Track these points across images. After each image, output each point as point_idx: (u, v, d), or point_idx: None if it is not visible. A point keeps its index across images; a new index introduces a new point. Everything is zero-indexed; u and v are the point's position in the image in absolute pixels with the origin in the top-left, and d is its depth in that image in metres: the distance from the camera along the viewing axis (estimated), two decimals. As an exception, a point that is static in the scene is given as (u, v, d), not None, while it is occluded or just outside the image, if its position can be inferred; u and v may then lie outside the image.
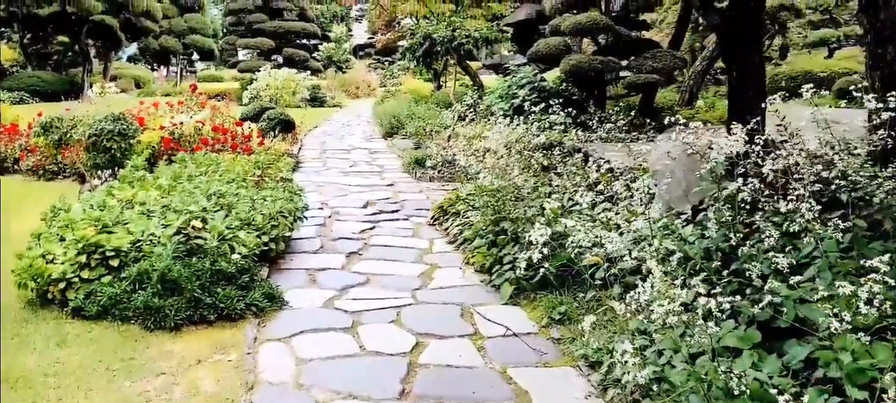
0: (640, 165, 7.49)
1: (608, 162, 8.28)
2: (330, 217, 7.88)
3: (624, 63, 14.83)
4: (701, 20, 18.85)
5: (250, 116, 11.75)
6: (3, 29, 34.93)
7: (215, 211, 5.55)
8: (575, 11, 15.87)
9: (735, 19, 4.89)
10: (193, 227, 4.96)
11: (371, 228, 7.38)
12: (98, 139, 7.31)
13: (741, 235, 4.52)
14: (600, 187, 7.00)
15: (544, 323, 4.64)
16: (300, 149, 13.82)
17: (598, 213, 5.02)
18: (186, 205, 5.21)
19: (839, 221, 3.91)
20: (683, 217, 5.65)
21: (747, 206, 4.59)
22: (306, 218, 6.67)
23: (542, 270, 4.98)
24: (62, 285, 4.50)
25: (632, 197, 6.31)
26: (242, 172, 6.82)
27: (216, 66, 41.41)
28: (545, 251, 3.35)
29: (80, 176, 8.30)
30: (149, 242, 4.82)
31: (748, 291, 3.92)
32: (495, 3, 21.37)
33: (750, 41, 4.87)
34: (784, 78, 22.67)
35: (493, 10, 20.99)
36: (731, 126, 5.01)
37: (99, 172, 7.46)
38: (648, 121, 13.53)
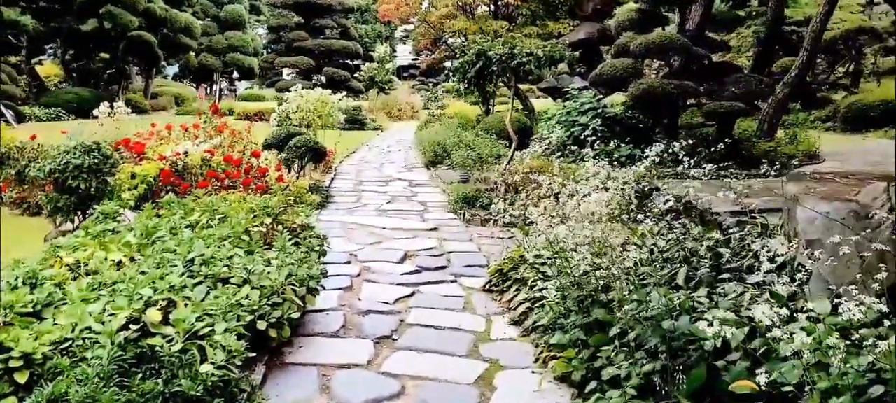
0: (764, 224, 5.79)
1: (714, 212, 6.57)
2: (359, 275, 6.27)
3: (701, 88, 13.07)
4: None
5: (276, 143, 10.29)
6: (48, 45, 34.59)
7: (196, 285, 3.98)
8: (643, 30, 14.19)
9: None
10: (149, 320, 3.38)
11: (410, 295, 5.74)
12: (62, 176, 5.84)
13: None
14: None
15: None
16: (333, 178, 12.33)
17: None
18: (143, 284, 3.63)
19: None
20: (861, 310, 3.90)
21: None
22: (324, 287, 5.07)
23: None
24: (-62, 413, 2.95)
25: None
26: (246, 221, 5.25)
27: (259, 85, 40.57)
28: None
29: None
30: (82, 342, 3.26)
31: None
32: (552, 22, 19.78)
33: None
34: (860, 107, 20.59)
35: (549, 29, 19.39)
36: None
37: (71, 216, 6.02)
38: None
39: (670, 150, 5.05)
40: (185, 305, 3.66)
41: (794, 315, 3.88)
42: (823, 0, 16.35)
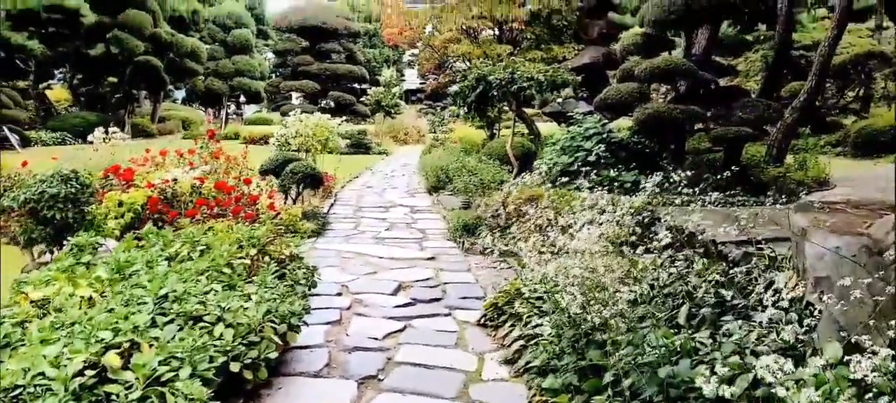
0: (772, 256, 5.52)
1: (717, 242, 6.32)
2: (349, 308, 6.04)
3: (708, 113, 12.84)
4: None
5: (272, 169, 10.10)
6: (57, 70, 34.80)
7: (167, 323, 3.76)
8: (649, 54, 14.01)
9: None
10: (108, 365, 3.15)
11: (401, 329, 5.49)
12: (37, 206, 5.64)
13: None
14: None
15: None
16: (333, 204, 12.14)
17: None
18: (102, 326, 3.41)
19: None
20: (874, 363, 3.63)
21: None
22: (306, 324, 4.82)
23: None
24: None
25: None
26: (229, 253, 5.03)
27: (267, 109, 40.62)
28: None
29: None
30: (33, 389, 3.03)
31: None
32: (556, 46, 19.63)
33: None
34: (870, 132, 20.32)
35: (554, 53, 19.24)
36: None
37: (51, 247, 5.81)
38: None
39: (671, 179, 4.81)
40: (151, 346, 3.43)
41: (803, 360, 3.63)
42: (832, 24, 16.18)
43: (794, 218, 5.84)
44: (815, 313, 4.15)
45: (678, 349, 3.67)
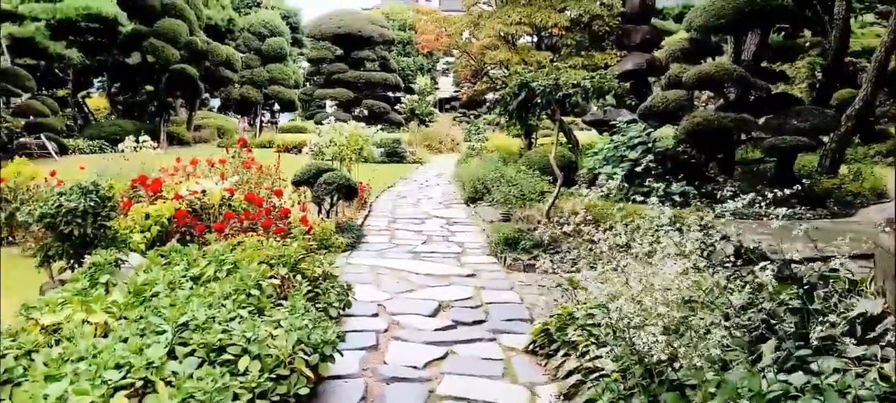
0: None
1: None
2: (386, 331, 5.61)
3: (759, 121, 12.22)
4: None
5: (305, 179, 9.74)
6: (96, 79, 35.17)
7: (187, 355, 3.37)
8: (695, 61, 13.44)
9: None
10: (117, 409, 2.76)
11: (442, 357, 5.04)
12: (54, 221, 5.30)
13: None
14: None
15: None
16: (367, 216, 11.76)
17: None
18: (109, 363, 3.02)
19: None
20: None
21: None
22: (341, 353, 4.39)
23: None
24: None
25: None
26: (257, 273, 4.64)
27: (301, 117, 40.58)
28: None
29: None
30: (31, 437, 2.65)
31: None
32: (598, 53, 19.07)
33: None
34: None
35: (596, 60, 18.69)
36: None
37: (72, 264, 5.47)
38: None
39: (762, 198, 4.30)
40: (168, 385, 3.04)
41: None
42: (888, 30, 15.38)
43: (881, 238, 5.25)
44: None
45: (766, 394, 3.18)
